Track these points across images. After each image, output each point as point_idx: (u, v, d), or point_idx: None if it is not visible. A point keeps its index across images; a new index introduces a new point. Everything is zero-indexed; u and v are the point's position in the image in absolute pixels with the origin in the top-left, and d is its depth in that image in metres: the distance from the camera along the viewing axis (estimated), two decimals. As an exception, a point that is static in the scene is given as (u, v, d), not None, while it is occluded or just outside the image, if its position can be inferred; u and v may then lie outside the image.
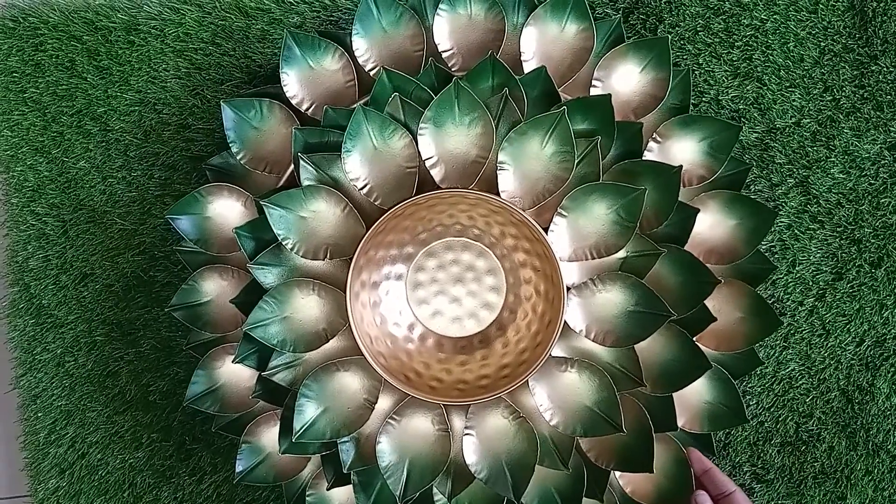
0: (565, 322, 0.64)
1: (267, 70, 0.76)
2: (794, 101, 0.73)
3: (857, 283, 0.73)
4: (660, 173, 0.62)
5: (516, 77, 0.63)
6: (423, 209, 0.67)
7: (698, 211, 0.62)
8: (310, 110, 0.69)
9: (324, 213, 0.65)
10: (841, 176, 0.72)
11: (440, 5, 0.68)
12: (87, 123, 0.78)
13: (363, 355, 0.64)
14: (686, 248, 0.64)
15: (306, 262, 0.66)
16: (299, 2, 0.74)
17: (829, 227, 0.73)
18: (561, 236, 0.65)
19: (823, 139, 0.73)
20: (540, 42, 0.69)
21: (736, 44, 0.73)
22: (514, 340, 0.70)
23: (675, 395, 0.64)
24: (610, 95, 0.61)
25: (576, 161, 0.63)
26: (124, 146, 0.78)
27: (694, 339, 0.63)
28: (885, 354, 0.73)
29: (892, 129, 0.72)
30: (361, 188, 0.65)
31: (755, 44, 0.73)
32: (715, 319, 0.62)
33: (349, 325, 0.64)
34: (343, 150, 0.64)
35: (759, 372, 0.73)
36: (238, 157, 0.69)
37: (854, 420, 0.73)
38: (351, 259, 0.64)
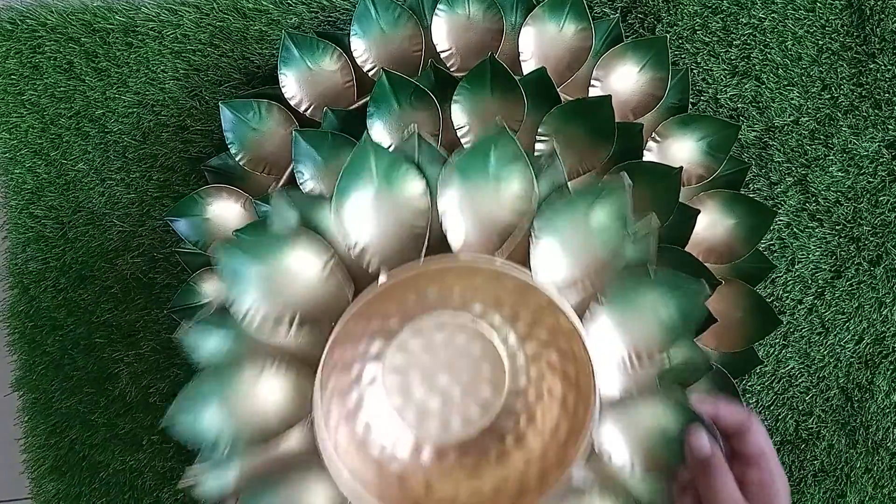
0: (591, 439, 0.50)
1: (265, 71, 0.76)
2: (792, 99, 0.73)
3: (856, 281, 0.73)
4: (660, 175, 0.62)
5: (515, 78, 0.63)
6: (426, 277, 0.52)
7: (699, 212, 0.62)
8: (308, 111, 0.69)
9: (296, 268, 0.50)
10: (839, 174, 0.73)
11: (438, 6, 0.68)
12: (86, 125, 0.78)
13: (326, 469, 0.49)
14: (685, 248, 0.64)
15: (261, 332, 0.50)
16: (297, 3, 0.74)
17: (827, 225, 0.73)
18: (598, 331, 0.52)
19: (822, 137, 0.73)
20: (538, 42, 0.69)
21: (734, 42, 0.73)
22: (517, 457, 0.54)
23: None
24: (610, 97, 0.61)
25: (628, 240, 0.51)
26: (123, 148, 0.78)
27: (694, 339, 0.63)
28: (885, 352, 0.73)
29: (890, 127, 0.72)
30: (351, 247, 0.51)
31: (753, 42, 0.73)
32: (716, 321, 0.62)
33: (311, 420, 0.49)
34: (335, 195, 0.49)
35: (758, 370, 0.74)
36: (237, 159, 0.69)
37: (853, 418, 0.73)
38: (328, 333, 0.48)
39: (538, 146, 0.64)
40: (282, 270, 0.50)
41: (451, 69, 0.68)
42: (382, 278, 0.48)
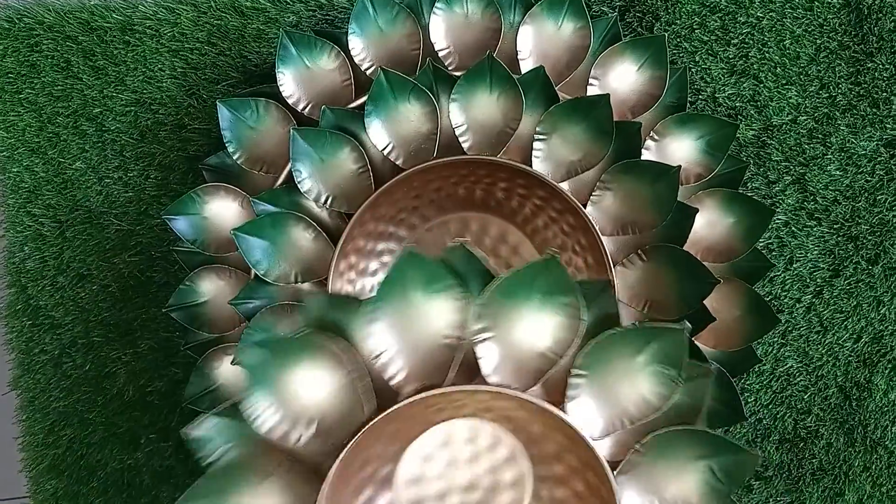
0: None
1: (263, 69, 0.76)
2: (790, 98, 0.73)
3: (855, 280, 0.73)
4: (658, 173, 0.62)
5: (514, 76, 0.63)
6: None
7: (697, 211, 0.62)
8: (306, 110, 0.69)
9: (319, 376, 0.48)
10: (837, 173, 0.73)
11: (436, 4, 0.68)
12: (84, 124, 0.78)
13: None
14: (684, 247, 0.64)
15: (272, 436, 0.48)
16: (295, 1, 0.74)
17: (825, 224, 0.73)
18: (630, 482, 0.49)
19: (820, 136, 0.73)
20: (536, 40, 0.69)
21: (732, 41, 0.73)
22: None
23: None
24: (608, 95, 0.61)
25: (680, 387, 0.47)
26: (120, 147, 0.78)
27: (692, 338, 0.63)
28: (883, 351, 0.73)
29: (888, 125, 0.72)
30: (378, 356, 0.49)
31: (751, 41, 0.73)
32: (714, 320, 0.62)
33: None
34: (371, 303, 0.47)
35: (757, 369, 0.74)
36: (235, 157, 0.69)
37: (852, 416, 0.73)
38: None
39: (536, 144, 0.64)
40: (304, 376, 0.47)
41: (450, 68, 0.68)
42: (406, 394, 0.46)
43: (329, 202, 0.65)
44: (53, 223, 0.79)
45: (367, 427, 0.46)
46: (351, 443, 0.46)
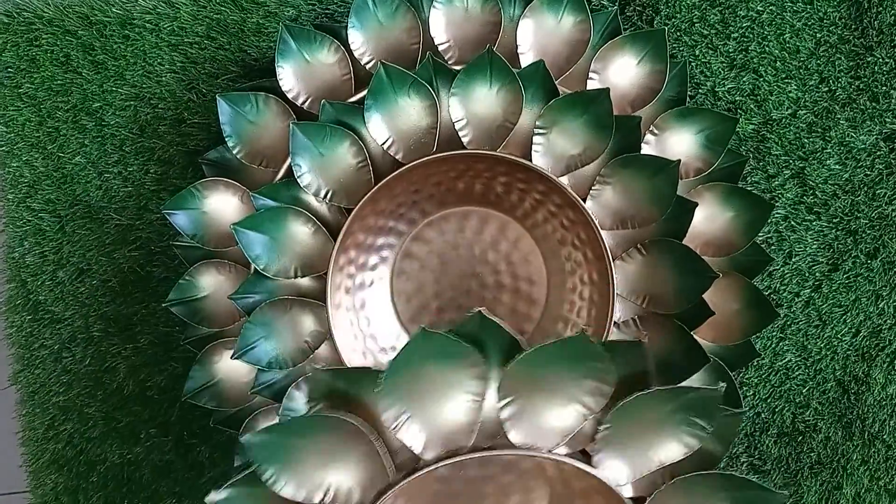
0: None
1: (262, 64, 0.76)
2: (790, 92, 0.73)
3: (854, 274, 0.73)
4: (658, 167, 0.62)
5: (514, 70, 0.63)
6: None
7: (696, 205, 0.62)
8: (306, 104, 0.69)
9: (332, 449, 0.48)
10: (837, 167, 0.73)
11: (436, -2, 0.68)
12: (83, 119, 0.78)
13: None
14: (683, 241, 0.64)
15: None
16: (295, -5, 0.74)
17: (825, 218, 0.73)
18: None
19: (819, 130, 0.73)
20: (536, 34, 0.69)
21: (732, 35, 0.73)
22: None
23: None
24: (608, 90, 0.61)
25: (708, 439, 0.46)
26: (120, 141, 0.78)
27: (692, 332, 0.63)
28: (881, 345, 0.73)
29: (887, 119, 0.72)
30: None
31: (751, 35, 0.73)
32: (713, 314, 0.62)
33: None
34: (387, 372, 0.46)
35: (755, 363, 0.74)
36: (234, 152, 0.69)
37: (850, 410, 0.74)
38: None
39: (536, 139, 0.64)
40: (316, 450, 0.46)
41: (450, 62, 0.68)
42: (428, 459, 0.46)
43: (329, 196, 0.65)
44: (53, 218, 0.79)
45: (390, 491, 0.45)
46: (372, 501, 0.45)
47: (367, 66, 0.69)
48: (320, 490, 0.47)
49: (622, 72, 0.69)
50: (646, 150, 0.67)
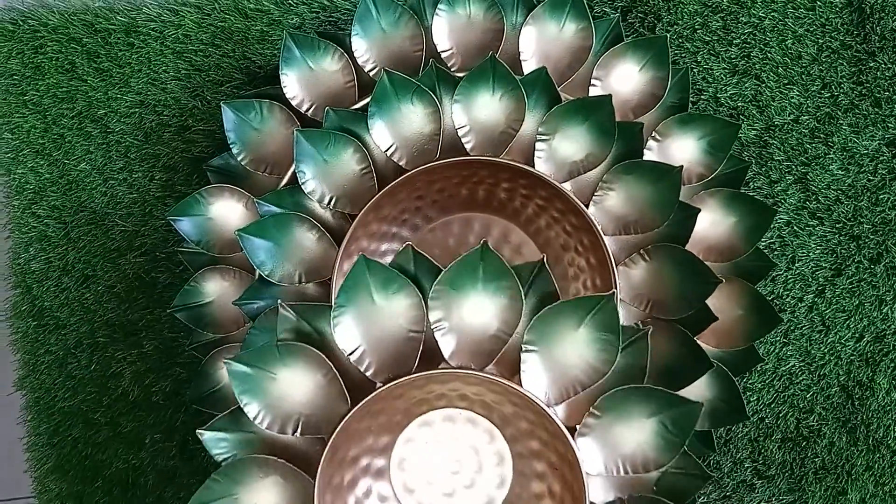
0: None
1: (267, 71, 0.76)
2: (792, 98, 0.73)
3: (857, 279, 0.73)
4: (661, 173, 0.62)
5: (516, 77, 0.63)
6: (417, 387, 0.57)
7: (699, 211, 0.62)
8: (310, 111, 0.69)
9: (299, 378, 0.55)
10: (840, 172, 0.73)
11: (439, 5, 0.68)
12: (88, 126, 0.78)
13: None
14: (686, 246, 0.64)
15: (271, 434, 0.56)
16: (298, 3, 0.74)
17: (828, 223, 0.73)
18: (590, 443, 0.55)
19: (822, 136, 0.73)
20: (539, 42, 0.69)
21: (734, 41, 0.73)
22: None
23: (676, 393, 0.64)
24: (610, 96, 0.61)
25: (619, 351, 0.53)
26: (125, 148, 0.78)
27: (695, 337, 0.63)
28: (885, 350, 0.73)
29: (890, 125, 0.72)
30: (351, 353, 0.55)
31: (753, 41, 0.73)
32: (716, 319, 0.62)
33: None
34: (334, 307, 0.54)
35: (759, 368, 0.74)
36: (239, 159, 0.69)
37: (854, 416, 0.73)
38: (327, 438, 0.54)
39: (538, 145, 0.64)
40: (285, 380, 0.55)
41: (452, 69, 0.69)
42: (379, 384, 0.53)
43: (333, 203, 0.65)
44: (58, 224, 0.80)
45: (347, 417, 0.53)
46: (334, 434, 0.52)
47: (371, 74, 0.69)
48: (292, 420, 0.54)
49: (624, 78, 0.69)
50: (648, 156, 0.67)
